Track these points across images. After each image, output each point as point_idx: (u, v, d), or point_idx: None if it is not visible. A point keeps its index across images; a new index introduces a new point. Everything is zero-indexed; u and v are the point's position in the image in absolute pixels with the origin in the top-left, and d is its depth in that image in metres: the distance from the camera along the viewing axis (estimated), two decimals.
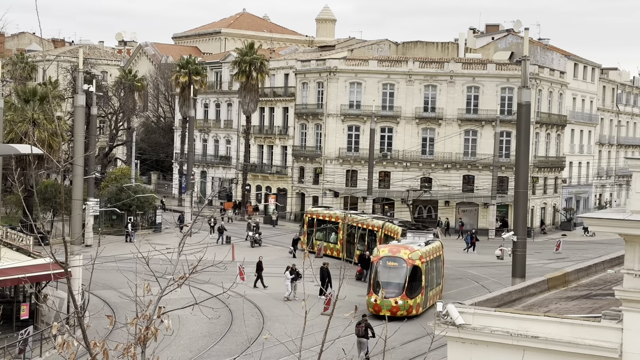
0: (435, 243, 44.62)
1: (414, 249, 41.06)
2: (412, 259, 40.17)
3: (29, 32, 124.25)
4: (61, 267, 8.86)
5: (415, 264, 40.11)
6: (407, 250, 40.92)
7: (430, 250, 42.86)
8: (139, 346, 8.39)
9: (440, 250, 44.74)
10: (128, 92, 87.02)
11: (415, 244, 43.20)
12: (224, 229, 63.39)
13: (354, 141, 76.79)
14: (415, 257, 40.31)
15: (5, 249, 37.40)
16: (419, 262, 40.34)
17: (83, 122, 43.34)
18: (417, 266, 40.18)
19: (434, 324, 16.43)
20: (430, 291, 42.01)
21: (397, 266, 40.11)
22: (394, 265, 40.13)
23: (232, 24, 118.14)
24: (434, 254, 43.29)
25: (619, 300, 15.10)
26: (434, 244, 44.28)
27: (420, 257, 40.63)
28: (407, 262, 40.00)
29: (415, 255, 40.44)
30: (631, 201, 14.47)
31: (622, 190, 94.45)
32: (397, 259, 40.21)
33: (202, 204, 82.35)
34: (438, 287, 44.17)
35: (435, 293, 43.12)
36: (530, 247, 45.82)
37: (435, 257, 43.44)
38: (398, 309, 38.99)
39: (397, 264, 40.07)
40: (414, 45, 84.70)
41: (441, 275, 44.96)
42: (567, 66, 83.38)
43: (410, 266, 39.94)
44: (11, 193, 60.40)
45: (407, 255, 40.32)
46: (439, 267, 44.39)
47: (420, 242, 43.88)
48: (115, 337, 12.71)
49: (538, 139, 77.39)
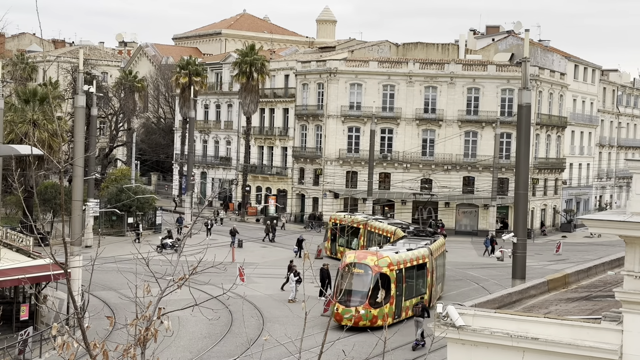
0: (420, 250, 41.75)
1: (383, 256, 38.43)
2: (379, 266, 37.77)
3: (29, 32, 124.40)
4: (61, 267, 8.85)
5: (382, 272, 37.58)
6: (374, 256, 38.35)
7: (409, 256, 40.16)
8: (138, 347, 8.38)
9: (427, 258, 41.70)
10: (128, 93, 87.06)
11: (396, 250, 40.93)
12: (236, 232, 61.99)
13: (354, 142, 76.81)
14: (383, 264, 37.86)
15: (5, 249, 37.39)
16: (387, 269, 37.84)
17: (83, 123, 43.33)
18: (384, 274, 37.57)
19: (434, 326, 16.43)
20: (407, 301, 39.30)
21: (361, 273, 37.83)
22: (359, 272, 37.79)
23: (232, 25, 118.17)
24: (416, 260, 40.48)
25: (619, 302, 15.09)
26: (418, 251, 41.53)
27: (389, 265, 38.09)
28: (373, 270, 37.58)
29: (383, 262, 37.94)
30: (631, 203, 14.46)
31: (623, 191, 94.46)
32: (363, 265, 37.81)
33: (202, 204, 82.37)
34: (423, 296, 40.95)
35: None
36: (531, 248, 45.84)
37: (419, 264, 40.75)
38: (360, 318, 36.35)
39: (362, 271, 37.76)
40: (414, 47, 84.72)
41: (428, 283, 41.79)
42: (568, 68, 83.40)
43: (376, 274, 37.47)
44: (11, 194, 60.39)
45: (373, 262, 37.84)
46: (424, 274, 41.56)
47: (403, 248, 41.75)
48: (115, 338, 12.70)
49: (538, 140, 77.40)
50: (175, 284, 9.02)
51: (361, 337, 35.76)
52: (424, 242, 44.84)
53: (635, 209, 14.26)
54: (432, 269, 42.19)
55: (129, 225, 65.96)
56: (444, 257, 47.22)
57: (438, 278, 44.36)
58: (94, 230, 59.38)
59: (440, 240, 46.89)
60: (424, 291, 41.13)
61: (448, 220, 75.36)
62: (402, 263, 39.17)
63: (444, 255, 46.83)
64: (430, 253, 42.32)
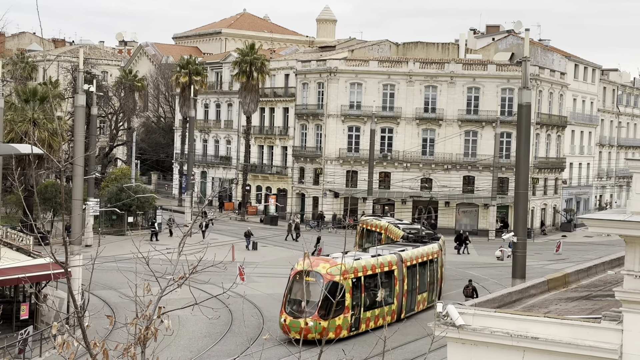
0: (387, 257, 38.78)
1: (337, 262, 34.99)
2: (332, 273, 34.54)
3: (29, 32, 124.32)
4: (61, 267, 8.86)
5: (334, 280, 34.45)
6: (326, 263, 35.13)
7: (372, 263, 37.26)
8: (138, 346, 8.38)
9: (395, 265, 38.80)
10: (128, 92, 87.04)
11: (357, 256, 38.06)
12: (251, 234, 61.45)
13: (354, 142, 76.80)
14: (336, 272, 34.48)
15: (5, 248, 37.39)
16: (341, 277, 34.49)
17: (83, 122, 43.34)
18: (337, 282, 34.43)
19: (434, 325, 16.44)
20: (368, 312, 36.59)
21: (312, 282, 35.07)
22: (310, 280, 35.04)
23: (232, 24, 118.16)
24: (380, 268, 37.65)
25: (619, 302, 15.10)
26: (385, 258, 38.57)
27: (344, 272, 35.00)
28: (325, 277, 34.53)
29: (336, 270, 34.53)
30: (631, 202, 14.47)
31: (623, 191, 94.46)
32: (314, 273, 34.76)
33: (202, 204, 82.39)
34: (390, 306, 38.55)
35: (386, 312, 37.89)
36: (531, 248, 45.85)
37: (384, 271, 38.00)
38: (308, 331, 33.28)
39: (313, 279, 34.92)
40: (415, 46, 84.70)
41: (396, 293, 38.88)
42: (568, 67, 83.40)
43: (327, 282, 34.55)
44: (11, 193, 60.42)
45: (325, 269, 34.68)
46: (392, 282, 38.61)
47: (368, 254, 39.14)
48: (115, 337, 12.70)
49: (538, 139, 77.40)
50: (175, 283, 9.02)
51: (361, 337, 35.80)
52: (400, 248, 41.95)
53: (636, 208, 14.26)
54: (401, 277, 39.25)
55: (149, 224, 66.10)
56: (435, 263, 43.76)
57: (420, 287, 41.54)
58: (94, 230, 59.40)
59: (428, 247, 43.65)
60: (391, 301, 38.48)
61: (448, 219, 75.39)
62: (361, 270, 36.28)
63: (431, 262, 43.21)
64: (400, 260, 39.44)
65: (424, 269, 42.43)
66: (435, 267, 43.88)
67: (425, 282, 42.38)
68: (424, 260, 42.32)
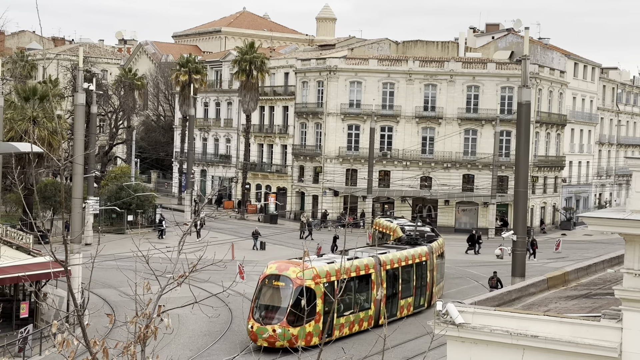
0: (363, 260, 36.93)
1: (308, 266, 33.30)
2: (302, 278, 33.02)
3: (29, 30, 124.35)
4: (61, 265, 8.86)
5: (306, 285, 33.02)
6: (297, 267, 33.26)
7: (346, 267, 35.40)
8: (138, 345, 8.39)
9: (372, 269, 37.00)
10: (128, 91, 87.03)
11: (331, 259, 36.65)
12: (258, 234, 61.02)
13: (354, 140, 76.79)
14: (307, 277, 33.10)
15: (5, 247, 37.42)
16: (312, 282, 33.18)
17: (83, 121, 43.33)
18: (308, 287, 33.07)
19: (433, 323, 16.44)
20: (342, 318, 34.80)
21: (281, 286, 33.41)
22: (279, 285, 33.43)
23: (232, 23, 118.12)
24: (355, 272, 35.88)
25: (619, 300, 15.11)
26: (361, 261, 36.75)
27: (315, 277, 33.43)
28: (295, 282, 32.98)
29: (307, 274, 33.11)
30: (631, 201, 14.48)
31: (622, 189, 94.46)
32: (283, 277, 33.29)
33: (202, 202, 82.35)
34: (367, 312, 36.78)
35: (362, 317, 36.22)
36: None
37: (360, 275, 36.28)
38: (276, 338, 31.99)
39: (282, 283, 33.32)
40: (414, 45, 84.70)
41: (374, 298, 37.10)
42: (567, 66, 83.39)
43: (297, 287, 32.95)
44: (11, 191, 60.41)
45: (295, 273, 33.03)
46: (368, 287, 37.04)
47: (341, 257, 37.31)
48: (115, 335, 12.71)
49: (538, 138, 77.39)
50: (175, 281, 9.02)
51: (360, 335, 35.80)
52: (381, 250, 40.07)
53: (635, 206, 14.27)
54: (379, 281, 37.35)
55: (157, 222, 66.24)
56: (423, 266, 41.80)
57: (404, 291, 39.70)
58: (94, 228, 59.41)
59: (414, 250, 41.74)
60: (367, 306, 36.77)
61: (448, 218, 75.42)
62: (334, 274, 34.31)
63: (418, 265, 41.30)
64: (378, 263, 37.62)
65: (409, 273, 40.36)
66: (423, 271, 41.77)
67: (410, 287, 40.41)
68: (408, 263, 40.31)
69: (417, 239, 45.01)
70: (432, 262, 42.69)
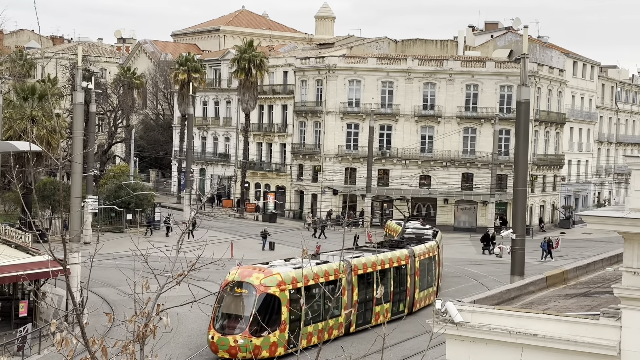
0: (332, 265, 34.63)
1: (273, 272, 31.63)
2: (266, 285, 31.15)
3: (27, 29, 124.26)
4: (60, 264, 8.86)
5: (269, 292, 31.16)
6: (260, 273, 31.65)
7: (314, 272, 33.40)
8: (137, 343, 8.38)
9: (341, 274, 34.66)
10: (127, 90, 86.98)
11: (297, 264, 34.07)
12: (267, 234, 60.51)
13: (353, 139, 76.78)
14: (271, 283, 31.24)
15: (3, 246, 37.42)
16: (277, 289, 31.29)
17: (82, 120, 43.29)
18: (272, 295, 31.22)
19: (432, 322, 16.44)
20: (310, 326, 32.75)
21: (244, 294, 31.44)
22: (241, 292, 31.45)
23: (231, 22, 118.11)
24: (324, 277, 33.81)
25: (618, 298, 15.11)
26: (330, 265, 34.58)
27: (279, 283, 31.49)
28: (258, 290, 31.05)
29: (271, 281, 31.29)
30: (630, 199, 14.47)
31: (621, 188, 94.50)
32: (246, 284, 31.27)
33: (201, 201, 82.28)
34: (337, 319, 34.69)
35: (331, 325, 34.13)
36: (529, 245, 45.84)
37: (328, 280, 34.12)
38: (238, 349, 30.20)
39: (245, 291, 31.38)
40: (413, 43, 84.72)
41: (344, 304, 35.13)
42: (566, 64, 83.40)
43: (260, 295, 31.05)
44: (10, 190, 60.41)
45: (259, 280, 31.17)
46: (339, 294, 34.86)
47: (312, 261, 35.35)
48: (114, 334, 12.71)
49: (537, 136, 77.41)
50: (174, 280, 9.02)
51: (360, 334, 35.80)
52: (356, 254, 38.07)
53: (634, 205, 14.26)
54: (350, 286, 35.44)
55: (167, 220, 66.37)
56: (402, 271, 39.70)
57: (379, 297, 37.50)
58: (93, 227, 59.40)
59: (392, 253, 39.55)
60: (337, 313, 34.78)
61: (447, 216, 75.43)
62: (301, 280, 32.46)
63: (397, 269, 39.31)
64: (349, 268, 35.51)
65: (385, 278, 38.35)
66: (402, 275, 39.70)
67: (387, 292, 38.44)
68: (384, 267, 38.27)
69: (401, 242, 43.20)
70: (413, 266, 40.54)
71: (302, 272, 32.48)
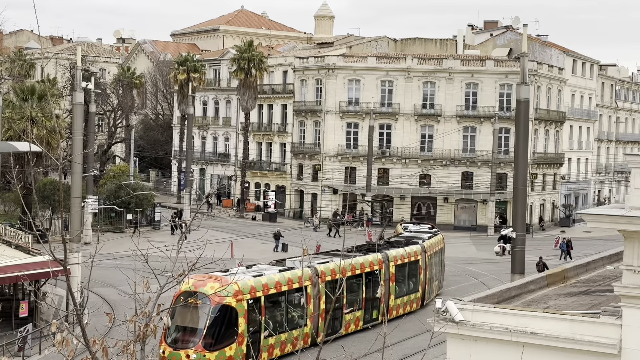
0: (296, 272, 32.79)
1: (229, 281, 28.90)
2: (221, 295, 28.88)
3: (27, 29, 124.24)
4: (60, 264, 8.86)
5: (225, 303, 29.14)
6: (216, 282, 29.15)
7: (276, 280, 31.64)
8: (138, 343, 8.39)
9: (306, 281, 32.96)
10: (126, 90, 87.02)
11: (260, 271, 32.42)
12: (280, 235, 59.99)
13: (353, 138, 76.77)
14: (227, 293, 28.97)
15: (4, 246, 37.42)
16: (233, 299, 29.24)
17: (81, 120, 43.31)
18: (227, 306, 29.21)
19: (433, 321, 16.44)
20: (271, 338, 30.67)
21: (197, 305, 28.99)
22: (195, 303, 28.84)
23: (230, 21, 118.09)
24: (287, 285, 32.13)
25: (618, 297, 15.11)
26: (294, 272, 32.78)
27: (236, 293, 29.37)
28: (212, 300, 28.95)
29: (227, 291, 28.84)
30: (630, 197, 14.47)
31: (621, 186, 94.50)
32: (199, 295, 28.75)
33: (201, 201, 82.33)
34: (302, 329, 32.75)
35: (295, 336, 31.73)
36: (529, 243, 45.83)
37: (291, 289, 32.37)
38: None
39: (199, 301, 28.91)
40: (413, 42, 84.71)
41: (310, 313, 33.37)
42: (566, 62, 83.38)
43: (215, 305, 29.02)
44: (10, 191, 60.43)
45: (213, 289, 28.63)
46: (302, 301, 33.09)
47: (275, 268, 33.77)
48: (115, 334, 12.70)
49: (537, 135, 77.40)
50: (175, 280, 9.02)
51: (360, 334, 35.80)
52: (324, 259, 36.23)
53: (634, 203, 14.27)
54: (317, 294, 33.46)
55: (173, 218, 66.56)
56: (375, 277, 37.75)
57: (350, 304, 35.41)
58: (93, 227, 59.39)
59: (364, 258, 37.38)
60: (302, 323, 32.99)
61: (447, 215, 75.42)
62: (260, 289, 30.65)
63: (369, 275, 37.35)
64: (315, 274, 33.60)
65: (356, 284, 36.71)
66: (375, 281, 37.61)
67: (359, 299, 36.34)
68: (355, 273, 36.24)
69: (377, 246, 40.70)
70: (388, 271, 38.52)
71: (262, 281, 30.90)
